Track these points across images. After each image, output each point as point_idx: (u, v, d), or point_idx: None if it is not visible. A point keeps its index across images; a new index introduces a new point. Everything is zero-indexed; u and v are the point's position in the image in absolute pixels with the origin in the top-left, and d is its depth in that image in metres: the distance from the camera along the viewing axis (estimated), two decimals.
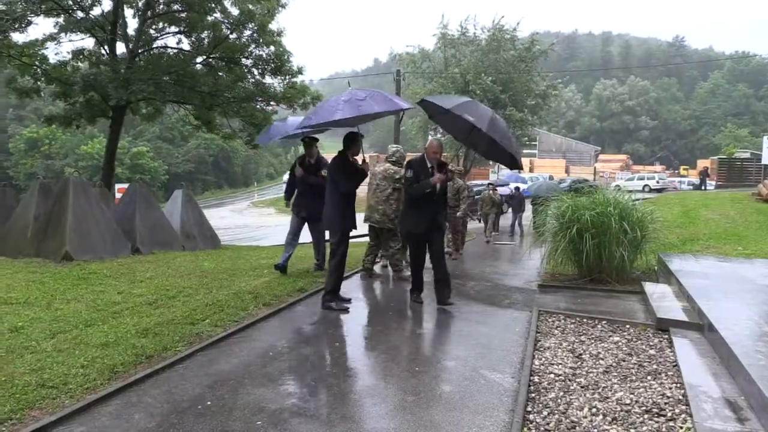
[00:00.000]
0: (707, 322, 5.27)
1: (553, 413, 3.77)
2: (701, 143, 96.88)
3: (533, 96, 24.20)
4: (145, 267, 8.68)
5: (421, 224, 6.45)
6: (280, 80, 17.26)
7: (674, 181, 50.32)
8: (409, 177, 6.36)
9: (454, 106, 6.52)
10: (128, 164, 55.78)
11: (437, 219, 6.50)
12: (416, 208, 6.47)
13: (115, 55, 15.86)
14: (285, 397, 3.99)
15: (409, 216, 6.62)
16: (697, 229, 13.34)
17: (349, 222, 6.53)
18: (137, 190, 11.56)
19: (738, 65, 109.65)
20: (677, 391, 4.13)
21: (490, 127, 6.34)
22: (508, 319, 6.23)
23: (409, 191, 6.48)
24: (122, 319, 5.68)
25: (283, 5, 16.51)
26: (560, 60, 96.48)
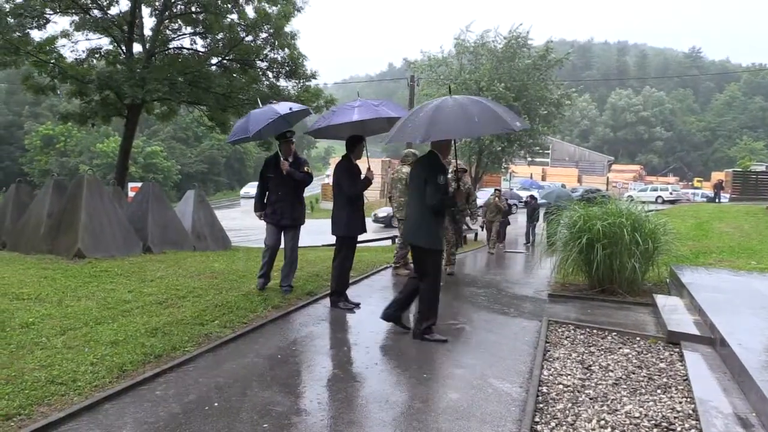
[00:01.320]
0: (719, 336, 5.21)
1: (561, 425, 3.74)
2: (716, 155, 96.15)
3: (547, 104, 24.11)
4: (156, 266, 8.71)
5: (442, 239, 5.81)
6: (294, 83, 17.34)
7: (687, 193, 49.92)
8: (443, 183, 5.36)
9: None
10: (142, 163, 56.09)
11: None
12: (439, 223, 5.59)
13: (131, 55, 15.99)
14: (292, 400, 3.99)
15: (438, 229, 5.56)
16: (710, 242, 13.23)
17: (354, 226, 6.57)
18: (150, 190, 11.62)
19: (755, 77, 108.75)
20: (687, 406, 4.08)
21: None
22: (518, 328, 6.20)
23: (445, 202, 5.47)
24: (132, 318, 5.70)
25: (298, 8, 16.60)
26: (575, 69, 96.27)
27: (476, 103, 5.27)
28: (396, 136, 5.46)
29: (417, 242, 5.46)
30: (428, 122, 5.04)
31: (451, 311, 6.90)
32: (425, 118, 5.12)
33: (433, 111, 5.15)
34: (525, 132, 23.00)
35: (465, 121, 5.03)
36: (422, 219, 5.39)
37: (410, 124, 5.29)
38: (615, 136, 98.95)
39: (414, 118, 5.31)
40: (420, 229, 5.41)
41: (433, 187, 5.26)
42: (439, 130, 5.04)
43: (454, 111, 5.08)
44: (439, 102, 5.30)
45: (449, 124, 5.04)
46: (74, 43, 16.00)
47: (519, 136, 23.50)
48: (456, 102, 5.19)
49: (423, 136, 5.06)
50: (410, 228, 5.56)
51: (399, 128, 5.44)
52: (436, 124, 5.02)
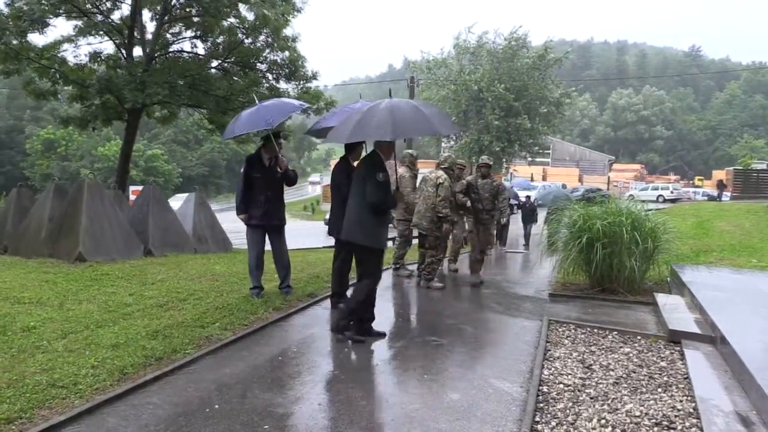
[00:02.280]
0: (720, 334, 5.21)
1: (562, 424, 3.74)
2: (717, 154, 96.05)
3: (547, 104, 24.12)
4: (157, 269, 8.72)
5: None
6: (294, 85, 17.34)
7: (689, 192, 49.88)
8: (382, 181, 5.33)
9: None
10: (143, 167, 56.17)
11: None
12: (380, 221, 5.51)
13: (131, 58, 16.02)
14: (292, 402, 4.00)
15: (379, 227, 5.49)
16: (711, 241, 13.21)
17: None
18: (151, 193, 11.63)
19: (755, 76, 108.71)
20: (688, 404, 4.08)
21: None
22: (518, 327, 6.20)
23: (385, 200, 5.40)
24: (133, 321, 5.71)
25: (298, 10, 16.61)
26: (575, 68, 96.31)
27: (409, 107, 5.32)
28: (330, 136, 5.74)
29: (356, 241, 5.41)
30: (355, 124, 5.17)
31: (452, 311, 6.91)
32: (354, 120, 5.22)
33: (364, 113, 5.24)
34: (525, 132, 23.00)
35: (390, 124, 5.04)
36: (362, 217, 5.36)
37: (341, 126, 5.45)
38: (615, 136, 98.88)
39: (347, 120, 5.44)
40: (360, 228, 5.37)
41: (372, 185, 5.24)
42: (360, 132, 5.16)
43: (382, 114, 5.11)
44: (373, 104, 5.41)
45: (371, 127, 5.09)
46: (76, 47, 16.05)
47: (519, 136, 23.50)
48: (388, 105, 5.21)
49: (346, 138, 5.29)
50: (350, 226, 5.48)
51: (334, 129, 5.64)
52: (360, 127, 5.13)
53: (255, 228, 6.93)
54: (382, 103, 5.31)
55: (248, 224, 6.92)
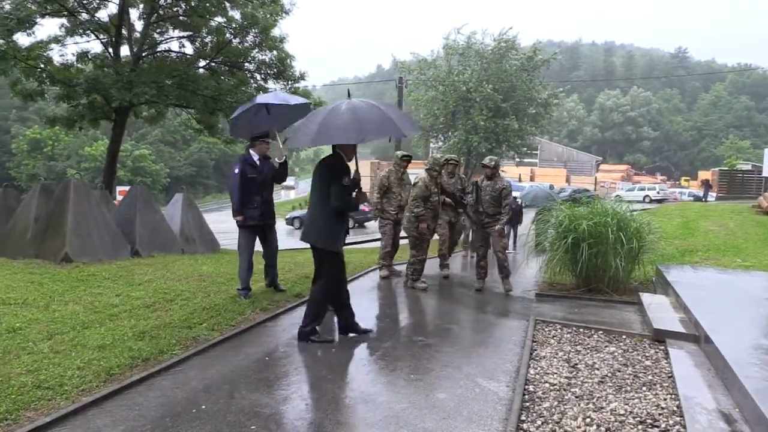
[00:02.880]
0: (703, 333, 5.27)
1: (547, 423, 3.77)
2: (702, 155, 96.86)
3: (535, 105, 24.21)
4: (144, 270, 8.69)
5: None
6: (282, 85, 17.33)
7: (675, 192, 50.30)
8: (347, 185, 5.31)
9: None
10: (130, 167, 55.88)
11: None
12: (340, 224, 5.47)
13: (118, 58, 15.94)
14: (280, 402, 4.00)
15: (338, 230, 5.47)
16: (696, 241, 13.34)
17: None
18: (138, 193, 11.58)
19: (740, 77, 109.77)
20: (672, 403, 4.13)
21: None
22: (505, 327, 6.24)
23: (349, 203, 5.42)
24: (119, 322, 5.69)
25: (286, 11, 16.61)
26: (563, 69, 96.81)
27: (372, 108, 5.22)
28: (293, 140, 5.61)
29: (315, 243, 5.40)
30: (318, 127, 5.01)
31: (439, 311, 6.94)
32: (316, 122, 5.10)
33: (325, 116, 5.14)
34: (513, 132, 23.08)
35: (354, 126, 4.97)
36: (322, 220, 5.35)
37: (303, 128, 5.29)
38: (603, 137, 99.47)
39: (308, 122, 5.31)
40: (319, 231, 5.37)
41: (338, 189, 5.22)
42: (325, 135, 5.01)
43: (345, 116, 5.03)
44: (333, 106, 5.28)
45: (336, 129, 5.00)
46: (63, 47, 15.94)
47: (507, 137, 23.58)
48: (349, 107, 5.13)
49: (311, 142, 5.10)
50: (310, 229, 5.46)
51: (294, 130, 5.54)
52: (325, 130, 4.99)
53: (253, 229, 6.95)
54: (343, 104, 5.21)
55: (245, 225, 6.91)
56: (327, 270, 5.46)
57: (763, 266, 9.96)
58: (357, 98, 5.50)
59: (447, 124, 25.00)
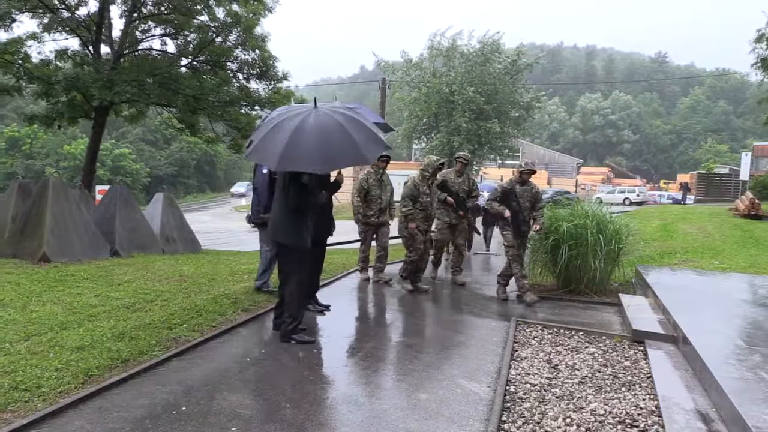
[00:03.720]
0: (682, 334, 5.34)
1: (528, 423, 3.80)
2: (681, 158, 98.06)
3: (517, 108, 24.38)
4: (124, 270, 8.60)
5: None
6: (265, 85, 17.26)
7: (654, 195, 50.89)
8: (307, 183, 5.31)
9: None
10: (110, 166, 55.22)
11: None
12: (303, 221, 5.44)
13: (99, 56, 15.77)
14: (261, 403, 3.98)
15: (302, 227, 5.43)
16: (675, 243, 13.51)
17: (321, 229, 6.60)
18: (117, 192, 11.46)
19: (718, 82, 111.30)
20: (651, 403, 4.18)
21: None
22: (486, 328, 6.26)
23: (309, 202, 5.42)
24: (98, 323, 5.62)
25: (269, 9, 16.54)
26: (545, 73, 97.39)
27: (339, 131, 4.98)
28: (256, 153, 5.30)
29: (281, 240, 5.43)
30: (283, 149, 4.80)
31: (421, 312, 6.95)
32: (282, 141, 4.87)
33: (291, 134, 4.89)
34: (495, 135, 23.22)
35: (320, 156, 4.80)
36: (286, 217, 5.37)
37: (270, 144, 5.01)
38: (584, 139, 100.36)
39: (274, 138, 5.01)
40: (284, 228, 5.39)
41: (296, 187, 5.24)
42: (290, 160, 4.84)
43: (311, 139, 4.85)
44: (300, 121, 5.00)
45: (300, 156, 4.80)
46: (41, 44, 15.73)
47: (489, 139, 23.71)
48: (316, 124, 4.95)
49: (275, 165, 4.99)
50: (275, 226, 5.49)
51: (259, 148, 5.19)
52: (290, 153, 4.79)
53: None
54: (310, 118, 5.02)
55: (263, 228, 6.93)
56: (295, 267, 5.47)
57: (740, 268, 10.12)
58: (325, 107, 5.32)
59: (429, 125, 25.09)
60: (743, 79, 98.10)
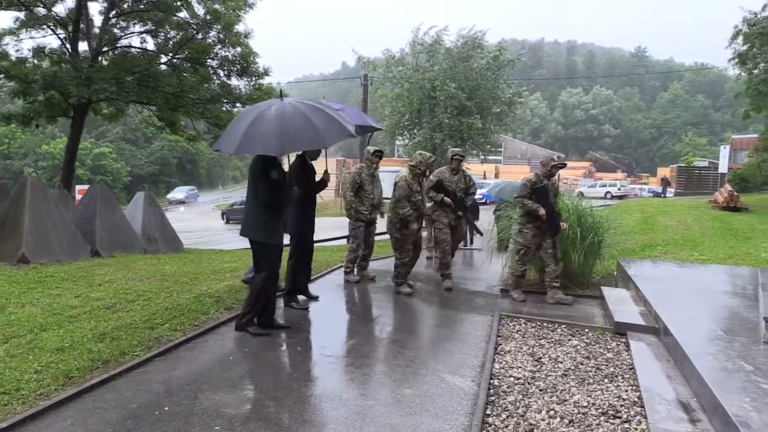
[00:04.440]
0: (663, 325, 5.39)
1: (512, 416, 3.81)
2: (662, 152, 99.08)
3: (499, 103, 24.50)
4: (105, 270, 8.51)
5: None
6: (246, 82, 17.17)
7: (635, 188, 51.39)
8: (276, 179, 5.33)
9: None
10: (90, 165, 54.65)
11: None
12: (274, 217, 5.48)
13: (77, 53, 15.57)
14: (244, 402, 3.96)
15: (274, 223, 5.46)
16: (656, 236, 13.65)
17: (306, 226, 6.67)
18: (97, 192, 11.33)
19: (697, 76, 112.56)
20: (633, 394, 4.21)
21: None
22: (470, 323, 6.28)
23: (279, 197, 5.42)
24: (79, 324, 5.56)
25: (250, 5, 16.45)
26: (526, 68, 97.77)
27: (299, 116, 5.06)
28: (219, 142, 5.39)
29: (253, 237, 5.46)
30: (243, 134, 4.91)
31: (405, 307, 6.95)
32: (243, 128, 4.98)
33: (253, 120, 5.00)
34: (477, 131, 23.30)
35: (275, 138, 4.88)
36: (257, 214, 5.40)
37: (232, 131, 5.15)
38: (566, 134, 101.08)
39: (237, 125, 5.16)
40: (253, 224, 5.42)
41: (265, 183, 5.26)
42: (248, 144, 4.92)
43: (270, 125, 4.93)
44: (263, 109, 5.15)
45: (258, 139, 4.89)
46: (18, 41, 15.50)
47: (471, 135, 23.78)
48: (277, 112, 5.02)
49: (235, 150, 5.01)
50: (246, 223, 5.52)
51: (224, 137, 5.32)
52: (249, 138, 4.89)
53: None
54: (272, 107, 5.13)
55: None
56: (263, 263, 5.49)
57: (719, 259, 10.24)
58: (291, 99, 5.39)
59: (412, 121, 25.11)
60: (721, 74, 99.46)
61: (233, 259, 10.39)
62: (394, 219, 7.53)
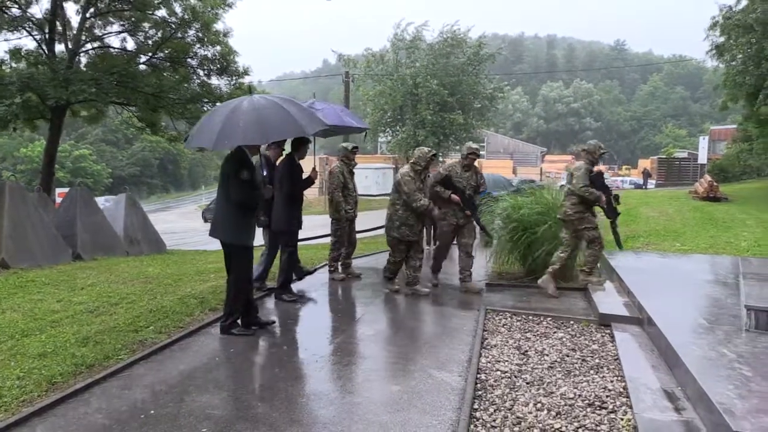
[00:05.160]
0: (646, 316, 5.44)
1: (500, 410, 3.83)
2: (642, 143, 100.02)
3: (481, 98, 24.58)
4: (87, 274, 8.41)
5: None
6: (226, 81, 17.05)
7: (617, 180, 51.82)
8: (246, 179, 5.28)
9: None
10: (70, 168, 54.07)
11: None
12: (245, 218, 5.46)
13: (54, 55, 15.37)
14: (231, 402, 3.93)
15: (245, 224, 5.46)
16: (638, 227, 13.76)
17: (294, 222, 6.70)
18: (78, 195, 11.20)
19: (676, 68, 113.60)
20: (618, 384, 4.25)
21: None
22: (456, 318, 6.29)
23: (251, 197, 5.40)
24: (61, 328, 5.49)
25: (229, 4, 16.34)
26: (507, 63, 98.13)
27: (274, 106, 5.14)
28: (194, 139, 5.38)
29: (223, 238, 5.43)
30: (220, 128, 4.91)
31: (391, 304, 6.95)
32: (218, 123, 4.99)
33: (227, 115, 5.03)
34: (459, 126, 23.36)
35: (256, 128, 4.92)
36: (227, 215, 5.38)
37: (206, 128, 5.16)
38: (547, 128, 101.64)
39: (210, 121, 5.18)
40: (225, 225, 5.39)
41: (236, 183, 5.23)
42: (226, 137, 4.92)
43: (247, 117, 4.96)
44: (235, 104, 5.19)
45: (237, 131, 4.90)
46: None
47: (454, 131, 23.84)
48: (251, 106, 5.08)
49: (212, 145, 4.98)
50: (217, 224, 5.49)
51: (198, 133, 5.32)
52: (226, 132, 4.90)
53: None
54: (244, 101, 5.17)
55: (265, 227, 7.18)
56: (236, 264, 5.47)
57: (701, 249, 10.36)
58: (259, 95, 5.49)
59: (394, 118, 25.11)
60: (699, 66, 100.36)
61: (217, 260, 10.28)
62: (403, 217, 7.14)
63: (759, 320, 4.83)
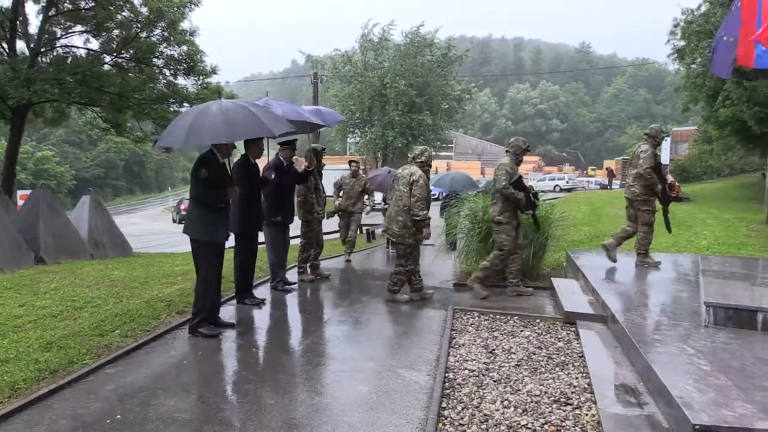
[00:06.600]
0: (610, 313, 5.55)
1: (467, 408, 3.87)
2: (608, 145, 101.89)
3: (449, 100, 24.75)
4: (50, 278, 8.25)
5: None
6: (193, 81, 16.86)
7: (583, 181, 52.67)
8: (204, 176, 5.41)
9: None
10: (32, 169, 52.84)
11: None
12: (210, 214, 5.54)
13: (15, 54, 15.02)
14: (199, 406, 3.91)
15: (209, 220, 5.54)
16: (603, 227, 14.00)
17: (251, 224, 6.73)
18: (40, 197, 10.98)
19: (639, 71, 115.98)
20: (583, 381, 4.33)
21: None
22: (424, 317, 6.33)
23: (207, 194, 5.54)
24: (24, 333, 5.38)
25: (195, 3, 16.16)
26: (475, 64, 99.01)
27: (241, 109, 5.37)
28: (162, 140, 5.57)
29: (191, 234, 5.56)
30: (188, 129, 5.07)
31: (359, 304, 6.96)
32: (186, 124, 5.17)
33: (195, 116, 5.25)
34: (428, 127, 23.48)
35: (224, 127, 5.13)
36: (194, 212, 5.62)
37: (175, 129, 5.35)
38: (515, 129, 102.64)
39: (179, 123, 5.39)
40: (194, 222, 5.55)
41: (194, 181, 5.53)
42: (196, 137, 5.08)
43: (215, 118, 5.16)
44: (203, 107, 5.45)
45: (206, 130, 5.10)
46: None
47: (422, 132, 23.95)
48: (219, 108, 5.28)
49: (181, 144, 5.16)
50: (187, 222, 5.67)
51: (167, 133, 5.54)
52: (195, 132, 5.06)
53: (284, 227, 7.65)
54: (213, 105, 5.40)
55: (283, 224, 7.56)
56: (201, 261, 5.55)
57: (663, 248, 10.59)
58: (227, 99, 5.70)
59: (363, 119, 25.14)
60: (661, 68, 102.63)
61: (184, 262, 10.19)
62: (407, 222, 6.75)
63: (717, 316, 4.97)
